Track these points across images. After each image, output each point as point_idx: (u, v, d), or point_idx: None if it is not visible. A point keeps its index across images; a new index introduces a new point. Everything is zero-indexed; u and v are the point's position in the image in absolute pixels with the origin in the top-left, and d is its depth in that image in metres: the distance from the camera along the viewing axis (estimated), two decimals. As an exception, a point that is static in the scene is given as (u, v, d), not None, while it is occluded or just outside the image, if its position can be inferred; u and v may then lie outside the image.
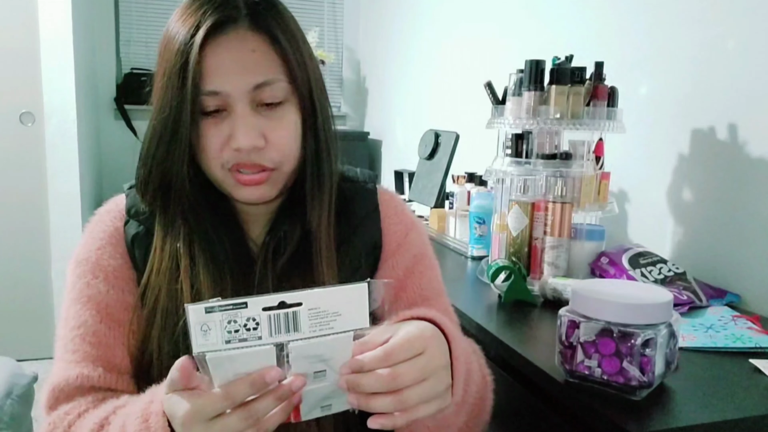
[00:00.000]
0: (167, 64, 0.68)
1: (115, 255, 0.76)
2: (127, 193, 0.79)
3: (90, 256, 0.75)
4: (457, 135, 1.90)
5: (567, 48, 1.26)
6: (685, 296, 1.06)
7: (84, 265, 0.75)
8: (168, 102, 0.68)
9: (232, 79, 0.67)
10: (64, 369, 0.71)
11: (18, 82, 2.61)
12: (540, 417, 0.88)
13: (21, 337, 2.62)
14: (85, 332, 0.73)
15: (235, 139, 0.68)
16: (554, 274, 1.14)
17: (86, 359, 0.72)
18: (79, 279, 0.75)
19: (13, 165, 2.65)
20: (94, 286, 0.74)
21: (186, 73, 0.66)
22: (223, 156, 0.70)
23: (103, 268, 0.75)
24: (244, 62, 0.68)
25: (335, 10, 3.43)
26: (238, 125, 0.68)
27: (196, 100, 0.67)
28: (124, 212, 0.78)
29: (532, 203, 1.17)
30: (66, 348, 0.73)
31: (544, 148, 1.20)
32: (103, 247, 0.76)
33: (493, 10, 2.07)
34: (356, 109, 3.52)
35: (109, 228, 0.77)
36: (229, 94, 0.68)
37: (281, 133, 0.70)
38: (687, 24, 1.26)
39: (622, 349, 0.70)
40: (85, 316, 0.73)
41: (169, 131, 0.68)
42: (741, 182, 1.14)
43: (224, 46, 0.67)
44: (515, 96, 1.21)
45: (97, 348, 0.72)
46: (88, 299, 0.74)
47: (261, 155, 0.70)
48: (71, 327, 0.73)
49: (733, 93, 1.16)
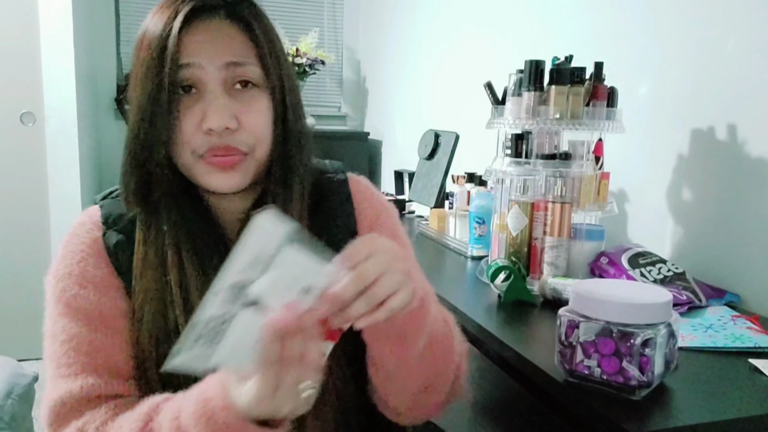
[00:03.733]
0: (145, 53, 0.70)
1: (98, 265, 0.74)
2: (101, 204, 0.78)
3: (72, 270, 0.73)
4: (457, 135, 1.90)
5: (567, 48, 1.26)
6: (684, 296, 1.06)
7: (67, 279, 0.73)
8: (147, 83, 0.68)
9: (207, 53, 0.69)
10: (63, 384, 0.68)
11: (18, 82, 2.61)
12: (540, 417, 0.88)
13: (21, 337, 2.62)
14: (79, 343, 0.70)
15: (207, 119, 0.68)
16: (554, 274, 1.14)
17: (86, 370, 0.69)
18: (65, 293, 0.72)
19: (14, 165, 2.65)
20: (83, 296, 0.72)
21: (164, 53, 0.68)
22: (194, 141, 0.70)
23: (89, 278, 0.73)
24: (220, 43, 0.70)
25: (335, 10, 3.43)
26: (210, 105, 0.69)
27: (175, 75, 0.68)
28: (99, 223, 0.76)
29: (532, 203, 1.17)
30: (60, 363, 0.70)
31: (544, 148, 1.20)
32: (85, 259, 0.74)
33: (493, 10, 2.07)
34: (356, 109, 3.52)
35: (87, 240, 0.75)
36: (201, 67, 0.69)
37: (254, 116, 0.71)
38: (687, 24, 1.27)
39: (622, 349, 0.70)
40: (77, 328, 0.71)
41: (148, 112, 0.68)
42: (740, 182, 1.14)
43: (202, 29, 0.70)
44: (515, 96, 1.21)
45: (96, 357, 0.70)
46: (77, 311, 0.71)
47: (234, 138, 0.70)
48: (62, 341, 0.70)
49: (733, 93, 1.16)
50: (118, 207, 0.77)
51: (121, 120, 3.13)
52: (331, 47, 3.42)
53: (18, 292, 2.69)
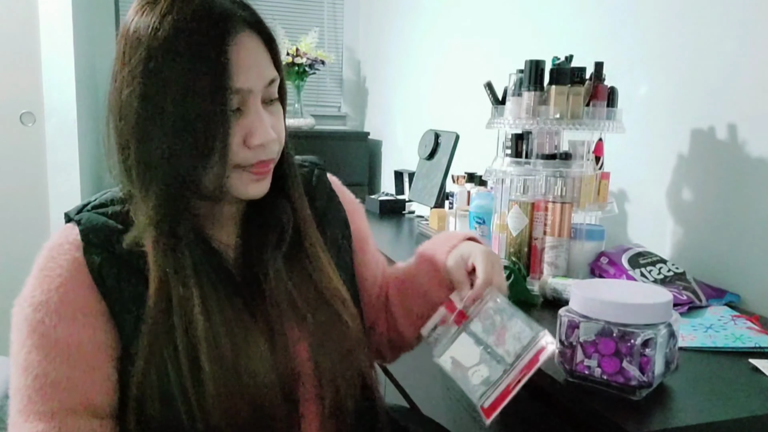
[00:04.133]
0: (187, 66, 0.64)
1: (79, 289, 0.68)
2: (77, 218, 0.72)
3: (51, 297, 0.67)
4: (457, 135, 1.90)
5: (567, 48, 1.26)
6: (684, 296, 1.06)
7: (44, 307, 0.67)
8: (196, 102, 0.64)
9: (254, 75, 0.69)
10: (39, 424, 0.64)
11: (18, 82, 2.61)
12: (540, 417, 0.88)
13: (21, 337, 2.62)
14: (57, 380, 0.65)
15: (257, 135, 0.69)
16: (554, 274, 1.14)
17: (63, 408, 0.65)
18: (41, 324, 0.67)
19: (14, 165, 2.64)
20: (63, 328, 0.66)
21: (222, 79, 0.65)
22: (238, 156, 0.69)
23: (70, 306, 0.67)
24: (259, 60, 0.70)
25: (335, 10, 3.43)
26: (257, 122, 0.69)
27: (226, 97, 0.66)
28: (79, 242, 0.69)
29: (532, 203, 1.17)
30: (32, 399, 0.65)
31: (544, 148, 1.20)
32: (64, 284, 0.68)
33: (493, 10, 2.07)
34: (356, 109, 3.52)
35: (66, 262, 0.69)
36: (251, 90, 0.69)
37: (281, 127, 0.75)
38: (687, 24, 1.27)
39: (622, 349, 0.70)
40: (54, 363, 0.66)
41: (199, 132, 0.65)
42: (740, 182, 1.14)
43: (243, 47, 0.67)
44: (515, 96, 1.21)
45: (74, 394, 0.66)
46: (55, 343, 0.66)
47: (272, 149, 0.73)
48: (35, 375, 0.65)
49: (732, 93, 1.16)
50: (97, 220, 0.71)
51: (121, 120, 3.12)
52: (331, 47, 3.42)
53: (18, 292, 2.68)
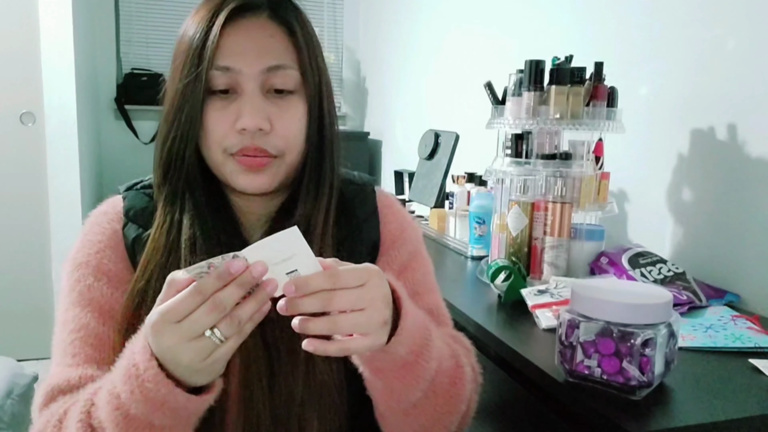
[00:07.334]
0: (184, 48, 0.70)
1: (115, 258, 0.74)
2: (124, 195, 0.78)
3: (90, 260, 0.73)
4: (457, 135, 1.90)
5: (567, 48, 1.26)
6: (684, 296, 1.06)
7: (84, 267, 0.73)
8: (182, 79, 0.69)
9: (247, 58, 0.69)
10: (64, 371, 0.69)
11: (18, 82, 2.61)
12: (540, 417, 0.88)
13: (21, 337, 2.62)
14: (87, 335, 0.70)
15: (241, 119, 0.68)
16: (554, 274, 1.14)
17: (88, 362, 0.69)
18: (79, 282, 0.72)
19: (14, 165, 2.64)
20: (97, 288, 0.72)
21: (203, 51, 0.68)
22: (226, 140, 0.70)
23: (105, 271, 0.73)
24: (261, 44, 0.70)
25: (335, 10, 3.43)
26: (246, 106, 0.69)
27: (209, 75, 0.68)
28: (121, 215, 0.76)
29: (532, 203, 1.17)
30: (65, 352, 0.70)
31: (544, 148, 1.20)
32: (103, 251, 0.74)
33: (493, 10, 2.07)
34: (356, 109, 3.52)
35: (107, 230, 0.75)
36: (240, 72, 0.69)
37: (288, 122, 0.71)
38: (687, 24, 1.27)
39: (622, 349, 0.70)
40: (86, 318, 0.71)
41: (180, 107, 0.69)
42: (740, 182, 1.14)
43: (243, 28, 0.69)
44: (515, 96, 1.21)
45: (100, 351, 0.70)
46: (89, 302, 0.72)
47: (265, 140, 0.70)
48: (70, 330, 0.71)
49: (733, 93, 1.16)
50: (141, 200, 0.77)
51: (121, 120, 3.13)
52: (331, 47, 3.42)
53: (18, 292, 2.69)
